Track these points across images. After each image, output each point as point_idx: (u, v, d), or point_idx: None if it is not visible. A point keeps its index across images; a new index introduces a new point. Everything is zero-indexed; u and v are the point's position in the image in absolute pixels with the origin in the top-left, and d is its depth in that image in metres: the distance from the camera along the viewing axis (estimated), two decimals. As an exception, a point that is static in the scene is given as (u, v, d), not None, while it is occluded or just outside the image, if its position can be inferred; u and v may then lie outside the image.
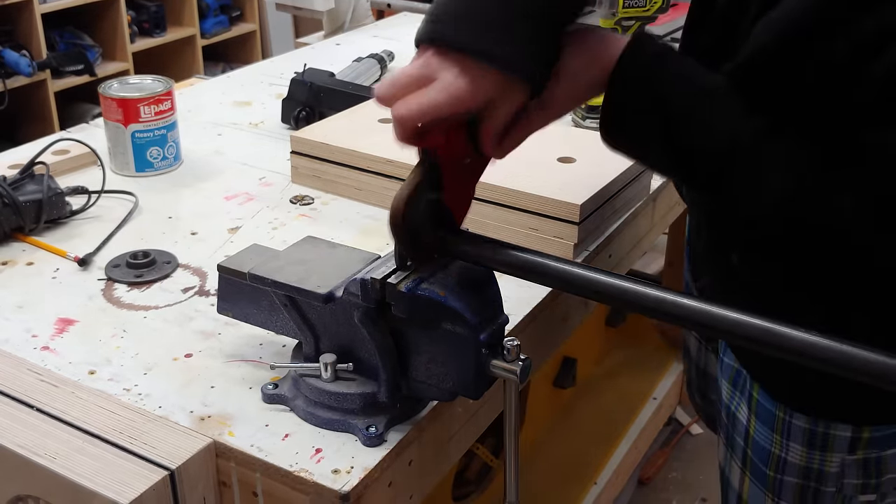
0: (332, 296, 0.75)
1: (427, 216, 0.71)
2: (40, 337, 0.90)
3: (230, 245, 1.07)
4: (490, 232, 1.03)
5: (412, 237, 0.70)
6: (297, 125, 1.39)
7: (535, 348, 0.99)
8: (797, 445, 0.81)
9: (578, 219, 1.02)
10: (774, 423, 0.82)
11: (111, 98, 1.24)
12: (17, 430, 0.75)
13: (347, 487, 0.71)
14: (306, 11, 2.32)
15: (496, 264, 0.72)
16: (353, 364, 0.78)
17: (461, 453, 0.92)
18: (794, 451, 0.82)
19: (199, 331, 0.91)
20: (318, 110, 1.40)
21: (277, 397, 0.80)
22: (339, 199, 1.19)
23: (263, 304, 0.83)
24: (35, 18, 3.27)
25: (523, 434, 1.54)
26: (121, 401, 0.80)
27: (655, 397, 1.97)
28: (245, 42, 4.30)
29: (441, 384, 0.74)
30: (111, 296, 0.97)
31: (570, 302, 1.06)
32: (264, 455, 0.74)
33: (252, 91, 1.54)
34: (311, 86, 1.41)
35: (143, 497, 0.69)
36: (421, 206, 0.70)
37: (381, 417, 0.77)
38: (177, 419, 0.78)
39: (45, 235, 1.09)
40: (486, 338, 0.71)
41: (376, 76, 1.66)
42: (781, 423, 0.81)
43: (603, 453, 1.76)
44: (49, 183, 1.09)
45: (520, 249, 0.71)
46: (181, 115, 1.35)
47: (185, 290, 0.98)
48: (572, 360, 1.74)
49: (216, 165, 1.30)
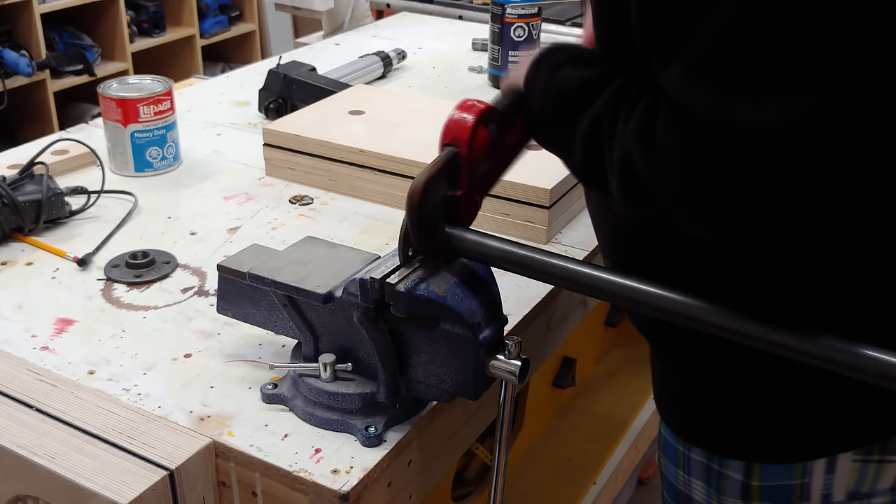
0: (332, 296, 0.75)
1: (441, 209, 0.71)
2: (40, 337, 0.90)
3: (229, 245, 1.07)
4: None
5: (424, 224, 0.70)
6: (269, 116, 1.43)
7: (535, 348, 0.99)
8: (698, 482, 0.80)
9: (549, 203, 1.06)
10: (677, 457, 0.81)
11: (110, 98, 1.24)
12: (17, 430, 0.75)
13: (347, 487, 0.71)
14: (305, 11, 2.32)
15: (504, 262, 0.72)
16: (353, 364, 0.78)
17: (460, 453, 0.92)
18: (697, 487, 0.80)
19: (199, 331, 0.91)
20: (290, 102, 1.43)
21: (277, 397, 0.80)
22: (339, 198, 1.19)
23: (263, 304, 0.83)
24: (34, 18, 3.27)
25: (523, 434, 1.54)
26: (120, 401, 0.80)
27: (655, 397, 1.97)
28: (244, 42, 4.29)
29: (440, 384, 0.74)
30: (110, 296, 0.97)
31: (569, 302, 1.06)
32: (264, 455, 0.74)
33: (251, 91, 1.53)
34: (284, 77, 1.43)
35: (143, 497, 0.69)
36: (437, 196, 0.71)
37: (380, 417, 0.77)
38: (176, 419, 0.78)
39: (45, 235, 1.09)
40: (485, 338, 0.71)
41: (377, 73, 1.66)
42: (683, 457, 0.80)
43: (602, 453, 1.76)
44: (48, 183, 1.09)
45: (529, 249, 0.71)
46: (180, 115, 1.35)
47: (184, 291, 0.98)
48: (572, 360, 1.74)
49: (215, 165, 1.30)
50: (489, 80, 1.65)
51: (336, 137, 1.20)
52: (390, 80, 1.68)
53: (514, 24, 1.57)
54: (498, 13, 1.58)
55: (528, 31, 1.58)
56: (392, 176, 1.16)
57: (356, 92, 1.40)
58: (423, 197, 0.69)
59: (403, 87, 1.65)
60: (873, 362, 0.59)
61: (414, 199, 0.69)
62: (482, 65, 1.71)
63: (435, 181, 0.70)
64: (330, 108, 1.31)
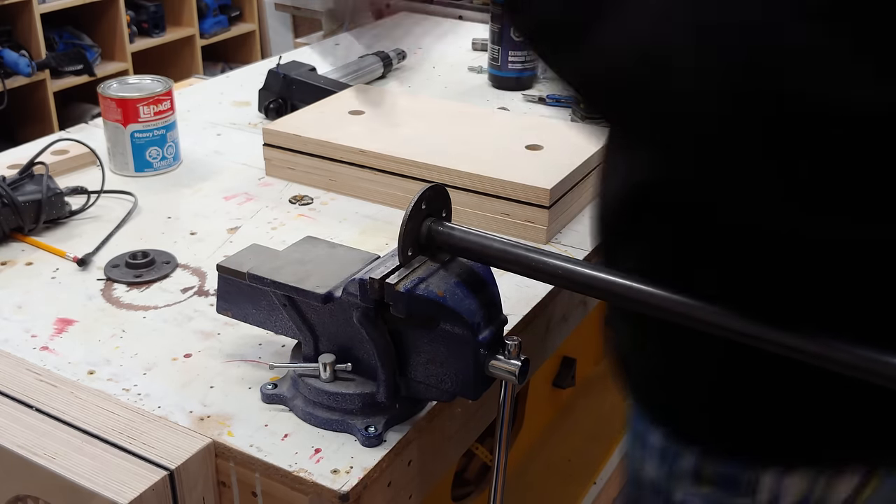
0: (331, 296, 0.75)
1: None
2: (39, 337, 0.90)
3: (229, 245, 1.07)
4: (463, 218, 1.07)
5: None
6: (269, 116, 1.43)
7: (535, 348, 0.99)
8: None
9: (549, 203, 1.06)
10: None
11: (110, 98, 1.24)
12: (17, 430, 0.75)
13: (347, 487, 0.71)
14: (306, 11, 2.33)
15: (503, 262, 0.72)
16: (352, 364, 0.78)
17: (461, 453, 0.92)
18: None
19: (199, 331, 0.91)
20: (290, 102, 1.43)
21: (276, 397, 0.80)
22: (339, 198, 1.20)
23: (263, 304, 0.83)
24: (34, 18, 3.27)
25: (523, 434, 1.54)
26: (120, 401, 0.80)
27: (655, 397, 1.97)
28: (244, 42, 4.30)
29: (440, 384, 0.74)
30: (110, 296, 0.97)
31: (569, 302, 1.06)
32: (263, 455, 0.74)
33: (251, 91, 1.53)
34: (284, 77, 1.44)
35: (143, 497, 0.69)
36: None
37: (380, 417, 0.77)
38: (176, 419, 0.78)
39: (45, 235, 1.09)
40: (485, 338, 0.71)
41: (378, 73, 1.66)
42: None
43: (603, 453, 1.76)
44: (48, 183, 1.09)
45: (528, 249, 0.71)
46: (180, 115, 1.35)
47: (184, 290, 0.98)
48: (572, 360, 1.74)
49: (215, 165, 1.30)
50: (489, 80, 1.65)
51: (336, 137, 1.20)
52: (390, 80, 1.68)
53: (514, 24, 1.57)
54: (498, 13, 1.59)
55: (528, 31, 1.58)
56: (392, 176, 1.16)
57: (356, 92, 1.40)
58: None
59: (403, 86, 1.65)
60: (874, 362, 0.58)
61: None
62: (482, 65, 1.71)
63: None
64: (330, 108, 1.31)
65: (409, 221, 0.71)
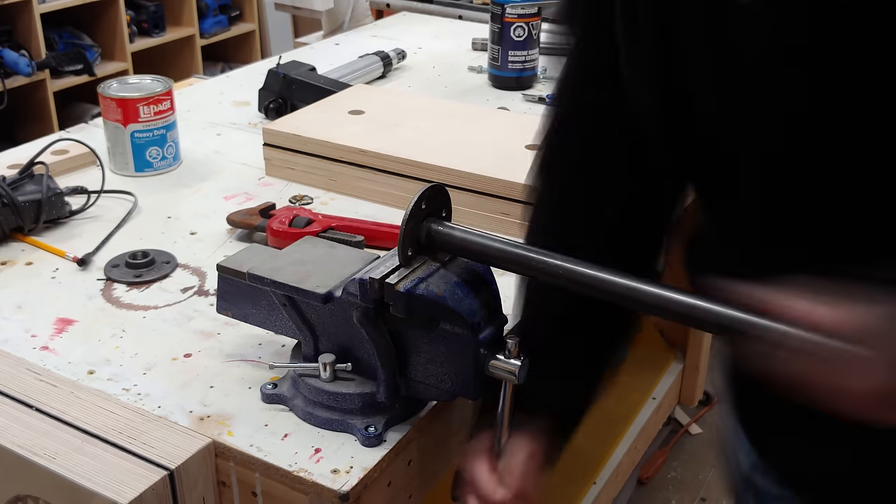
0: (331, 296, 0.75)
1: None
2: (39, 337, 0.90)
3: (229, 245, 1.07)
4: (464, 218, 1.06)
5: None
6: (269, 115, 1.43)
7: (535, 348, 0.99)
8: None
9: None
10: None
11: (110, 98, 1.24)
12: (17, 429, 0.75)
13: (347, 487, 0.71)
14: (305, 11, 2.32)
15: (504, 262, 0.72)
16: (352, 364, 0.78)
17: (461, 453, 0.92)
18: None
19: (199, 331, 0.91)
20: (290, 102, 1.43)
21: (276, 397, 0.80)
22: (339, 198, 1.20)
23: (262, 304, 0.83)
24: (34, 18, 3.27)
25: (523, 434, 1.53)
26: (120, 401, 0.80)
27: (655, 397, 1.97)
28: (244, 42, 4.29)
29: (440, 384, 0.74)
30: (110, 296, 0.97)
31: (569, 302, 1.06)
32: (263, 455, 0.74)
33: (251, 91, 1.53)
34: (284, 77, 1.44)
35: (143, 497, 0.69)
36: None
37: (380, 417, 0.77)
38: (176, 419, 0.78)
39: (45, 235, 1.09)
40: (484, 337, 0.71)
41: (377, 73, 1.66)
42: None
43: (602, 453, 1.76)
44: (48, 183, 1.09)
45: (528, 248, 0.71)
46: (180, 115, 1.35)
47: (184, 290, 0.98)
48: (572, 360, 1.74)
49: (215, 165, 1.30)
50: (489, 80, 1.65)
51: (336, 137, 1.20)
52: (390, 80, 1.68)
53: (514, 23, 1.57)
54: (498, 13, 1.59)
55: (528, 30, 1.58)
56: (392, 176, 1.16)
57: (356, 92, 1.40)
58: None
59: (403, 87, 1.65)
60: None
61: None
62: (482, 65, 1.71)
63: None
64: (330, 108, 1.31)
65: (409, 221, 0.71)
